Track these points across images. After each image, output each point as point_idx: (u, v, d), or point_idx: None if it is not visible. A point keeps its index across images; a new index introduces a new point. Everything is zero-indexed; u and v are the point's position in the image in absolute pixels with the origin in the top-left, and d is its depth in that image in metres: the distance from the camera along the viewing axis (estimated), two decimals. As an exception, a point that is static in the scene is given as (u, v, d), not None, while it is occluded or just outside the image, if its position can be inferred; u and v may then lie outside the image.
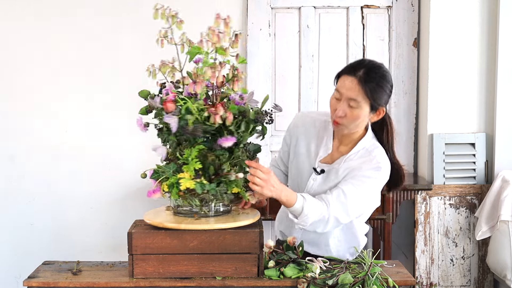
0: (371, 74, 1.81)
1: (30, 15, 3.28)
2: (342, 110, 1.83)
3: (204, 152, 1.73)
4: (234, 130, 1.71)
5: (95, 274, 1.80)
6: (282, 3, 3.32)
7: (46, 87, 3.32)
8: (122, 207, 3.36)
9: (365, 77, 1.80)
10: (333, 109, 1.87)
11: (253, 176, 1.72)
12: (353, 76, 1.81)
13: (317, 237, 2.00)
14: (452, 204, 3.18)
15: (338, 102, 1.84)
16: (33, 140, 3.33)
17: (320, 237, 2.01)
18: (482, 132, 3.22)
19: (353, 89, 1.81)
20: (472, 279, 3.20)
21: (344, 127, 1.87)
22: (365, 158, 1.90)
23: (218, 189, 1.72)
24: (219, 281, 1.73)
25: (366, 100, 1.81)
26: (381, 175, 1.90)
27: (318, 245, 2.03)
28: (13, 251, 3.36)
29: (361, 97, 1.81)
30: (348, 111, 1.83)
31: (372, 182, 1.88)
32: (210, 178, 1.73)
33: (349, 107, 1.82)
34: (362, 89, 1.80)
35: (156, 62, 1.82)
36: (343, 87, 1.82)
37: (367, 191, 1.88)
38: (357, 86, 1.80)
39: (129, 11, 3.29)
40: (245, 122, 1.72)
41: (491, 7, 3.15)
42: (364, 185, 1.86)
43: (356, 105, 1.82)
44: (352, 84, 1.81)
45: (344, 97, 1.82)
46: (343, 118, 1.84)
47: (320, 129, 2.01)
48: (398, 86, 3.36)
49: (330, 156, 1.97)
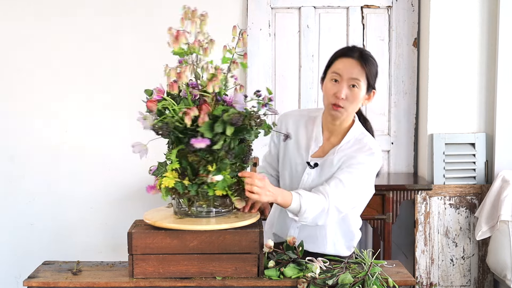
0: (365, 56, 1.89)
1: (30, 15, 3.28)
2: (343, 92, 1.86)
3: (185, 152, 1.74)
4: (203, 131, 1.67)
5: (95, 274, 1.80)
6: (282, 3, 3.32)
7: (46, 87, 3.32)
8: (122, 207, 3.37)
9: (362, 58, 1.88)
10: (331, 93, 1.89)
11: (251, 185, 1.72)
12: (351, 58, 1.88)
13: (313, 233, 2.02)
14: (452, 204, 3.18)
15: (336, 85, 1.88)
16: (33, 140, 3.33)
17: (316, 233, 2.02)
18: (482, 132, 3.22)
19: (354, 68, 1.87)
20: (472, 279, 3.20)
21: (344, 111, 1.90)
22: (357, 146, 1.93)
23: (200, 190, 1.73)
24: (219, 281, 1.73)
25: (365, 80, 1.88)
26: (375, 160, 1.93)
27: (314, 241, 2.03)
28: (13, 251, 3.36)
29: (361, 77, 1.87)
30: (349, 92, 1.87)
31: (367, 168, 1.91)
32: (191, 179, 1.74)
33: (349, 88, 1.87)
34: (362, 68, 1.87)
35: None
36: (344, 68, 1.87)
37: (363, 177, 1.90)
38: (358, 66, 1.87)
39: (129, 11, 3.30)
40: (221, 124, 1.68)
41: (491, 7, 3.15)
42: (359, 172, 1.89)
43: (357, 85, 1.87)
44: (352, 65, 1.87)
45: (345, 78, 1.86)
46: (345, 100, 1.87)
47: (308, 124, 2.03)
48: (398, 86, 3.36)
49: (321, 149, 1.99)
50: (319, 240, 2.03)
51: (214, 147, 1.68)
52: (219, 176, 1.72)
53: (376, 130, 3.35)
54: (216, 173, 1.72)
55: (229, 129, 1.68)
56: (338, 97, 1.87)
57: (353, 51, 1.90)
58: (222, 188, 1.73)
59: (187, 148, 1.72)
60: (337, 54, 1.93)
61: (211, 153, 1.72)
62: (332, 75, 1.90)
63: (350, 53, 1.90)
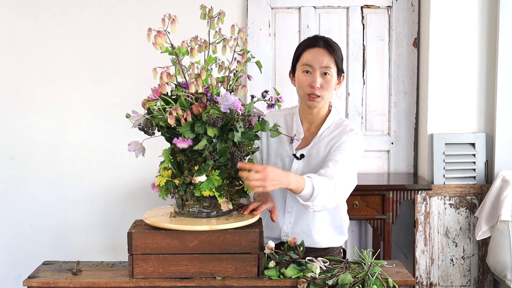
0: (330, 43, 2.00)
1: (30, 15, 3.29)
2: (318, 81, 1.95)
3: (174, 152, 1.76)
4: (183, 131, 1.68)
5: (95, 274, 1.80)
6: (282, 3, 3.32)
7: (46, 87, 3.32)
8: (122, 207, 3.37)
9: (329, 46, 1.98)
10: (306, 84, 1.97)
11: (249, 180, 1.70)
12: (318, 47, 1.98)
13: (306, 227, 2.05)
14: (452, 204, 3.18)
15: (309, 76, 1.96)
16: (33, 140, 3.33)
17: (309, 226, 2.04)
18: (482, 132, 3.22)
19: (324, 57, 1.96)
20: (472, 279, 3.20)
21: (321, 99, 1.98)
22: (339, 129, 2.02)
23: (188, 190, 1.74)
24: (219, 281, 1.73)
25: (334, 66, 1.97)
26: (359, 138, 2.01)
27: (309, 235, 2.05)
28: (13, 251, 3.36)
29: (331, 63, 1.96)
30: (323, 81, 1.96)
31: (354, 145, 1.98)
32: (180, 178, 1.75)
33: (322, 77, 1.96)
34: (331, 55, 1.96)
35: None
36: (313, 59, 1.96)
37: (353, 157, 1.96)
38: (326, 54, 1.96)
39: (129, 11, 3.30)
40: (201, 125, 1.68)
41: (491, 7, 3.15)
42: (349, 150, 1.95)
43: (329, 72, 1.96)
44: (321, 53, 1.96)
45: (317, 68, 1.95)
46: (320, 89, 1.95)
47: (287, 120, 2.11)
48: (398, 86, 3.36)
49: (304, 140, 2.06)
50: (312, 233, 2.06)
51: (194, 147, 1.69)
52: (202, 177, 1.72)
53: (376, 130, 3.39)
54: (198, 173, 1.72)
55: (210, 130, 1.68)
56: (313, 87, 1.95)
57: (318, 41, 1.99)
58: (208, 189, 1.73)
59: (176, 148, 1.73)
60: (303, 46, 2.01)
61: (200, 154, 1.72)
62: (303, 67, 1.98)
63: (316, 43, 1.98)
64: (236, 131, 1.71)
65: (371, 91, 3.36)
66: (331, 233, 2.09)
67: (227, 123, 1.72)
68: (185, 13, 2.50)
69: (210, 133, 1.67)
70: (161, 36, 1.70)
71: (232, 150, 1.73)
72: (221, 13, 1.77)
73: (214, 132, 1.68)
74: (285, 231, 2.07)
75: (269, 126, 1.82)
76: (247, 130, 1.73)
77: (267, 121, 1.81)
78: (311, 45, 1.99)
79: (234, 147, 1.74)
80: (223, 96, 1.70)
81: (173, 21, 1.71)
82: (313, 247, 2.06)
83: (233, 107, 1.70)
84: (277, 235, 2.09)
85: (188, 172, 1.74)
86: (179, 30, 1.77)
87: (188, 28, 2.00)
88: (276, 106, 1.84)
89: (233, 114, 1.71)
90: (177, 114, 1.68)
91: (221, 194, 1.76)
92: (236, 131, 1.71)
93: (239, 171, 1.75)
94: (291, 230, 2.06)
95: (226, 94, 1.70)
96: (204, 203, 1.78)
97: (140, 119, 1.74)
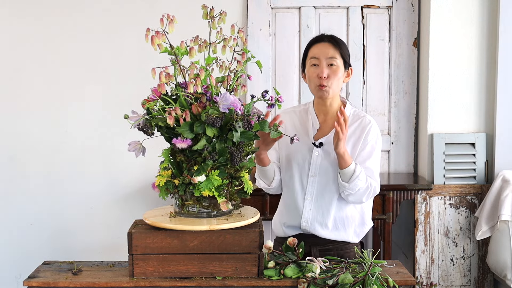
0: (335, 38, 2.11)
1: (30, 15, 3.29)
2: (325, 71, 2.04)
3: (174, 152, 1.76)
4: (182, 131, 1.68)
5: (95, 274, 1.80)
6: (282, 3, 3.32)
7: (46, 87, 3.32)
8: (122, 207, 3.37)
9: (333, 40, 2.10)
10: (315, 76, 2.07)
11: (343, 128, 1.91)
12: (323, 42, 2.09)
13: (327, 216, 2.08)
14: (452, 204, 3.18)
15: (316, 68, 2.06)
16: (33, 140, 3.33)
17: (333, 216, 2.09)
18: (482, 132, 3.22)
19: (329, 49, 2.07)
20: (472, 279, 3.20)
21: (329, 88, 2.06)
22: (356, 121, 2.11)
23: (188, 190, 1.75)
24: (219, 281, 1.73)
25: (340, 58, 2.07)
26: (377, 131, 2.11)
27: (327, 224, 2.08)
28: (13, 251, 3.36)
29: (337, 55, 2.07)
30: (329, 71, 2.05)
31: (377, 144, 2.09)
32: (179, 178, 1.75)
33: (328, 67, 2.05)
34: (335, 48, 2.07)
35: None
36: (320, 52, 2.07)
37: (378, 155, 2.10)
38: (331, 46, 2.07)
39: (129, 11, 3.30)
40: (200, 125, 1.68)
41: (491, 7, 3.15)
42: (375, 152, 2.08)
43: (335, 63, 2.05)
44: (326, 46, 2.07)
45: (323, 59, 2.05)
46: (327, 79, 2.04)
47: (302, 115, 2.19)
48: (398, 86, 3.36)
49: (321, 131, 2.13)
50: (339, 224, 2.10)
51: (194, 147, 1.69)
52: (201, 177, 1.72)
53: (376, 130, 3.38)
54: (198, 173, 1.72)
55: (209, 130, 1.68)
56: (321, 77, 2.04)
57: (323, 37, 2.11)
58: (207, 189, 1.73)
59: (175, 148, 1.73)
60: (309, 44, 2.13)
61: (200, 154, 1.72)
62: (310, 61, 2.08)
63: (321, 39, 2.10)
64: (235, 131, 1.71)
65: (371, 91, 3.36)
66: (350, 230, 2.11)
67: (226, 123, 1.72)
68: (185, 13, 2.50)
69: (209, 133, 1.67)
70: (158, 36, 1.70)
71: (232, 150, 1.74)
72: (223, 13, 1.77)
73: (213, 132, 1.68)
74: (306, 217, 2.09)
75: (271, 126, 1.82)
76: (246, 130, 1.73)
77: (266, 121, 1.81)
78: (316, 41, 2.11)
79: (234, 147, 1.74)
80: (222, 96, 1.69)
81: (171, 21, 1.71)
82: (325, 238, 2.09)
83: (232, 107, 1.70)
84: (297, 222, 2.11)
85: (188, 172, 1.73)
86: (179, 30, 1.77)
87: (189, 28, 2.00)
88: (276, 106, 1.83)
89: (232, 114, 1.71)
90: (176, 114, 1.68)
91: (221, 194, 1.75)
92: (235, 131, 1.71)
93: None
94: (310, 216, 2.09)
95: (225, 94, 1.69)
96: (203, 203, 1.78)
97: (139, 120, 1.73)
